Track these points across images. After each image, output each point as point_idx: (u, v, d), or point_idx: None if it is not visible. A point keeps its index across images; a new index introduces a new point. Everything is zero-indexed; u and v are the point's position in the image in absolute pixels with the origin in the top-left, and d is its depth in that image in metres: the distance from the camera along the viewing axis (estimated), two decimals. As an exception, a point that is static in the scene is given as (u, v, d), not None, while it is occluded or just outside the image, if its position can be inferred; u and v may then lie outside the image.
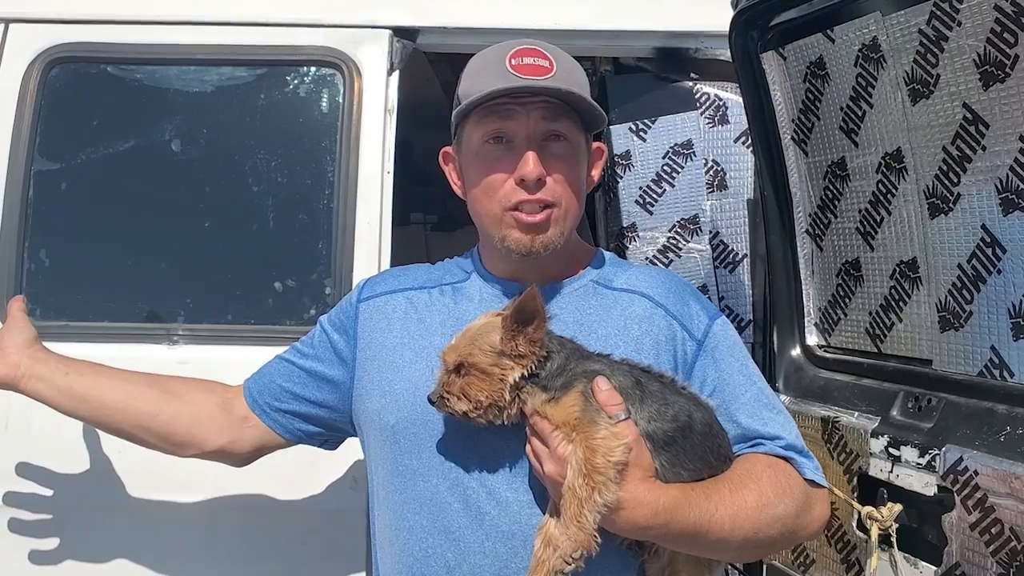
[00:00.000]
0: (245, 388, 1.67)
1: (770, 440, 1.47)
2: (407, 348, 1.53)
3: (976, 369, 1.77)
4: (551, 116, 1.47)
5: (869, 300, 2.09)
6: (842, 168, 2.10)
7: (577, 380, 1.35)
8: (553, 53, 1.49)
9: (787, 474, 1.44)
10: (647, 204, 2.73)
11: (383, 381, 1.52)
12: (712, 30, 2.43)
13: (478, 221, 1.56)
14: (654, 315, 1.53)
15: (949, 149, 1.77)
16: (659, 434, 1.36)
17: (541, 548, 1.31)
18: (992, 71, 1.64)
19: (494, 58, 1.48)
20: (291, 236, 2.38)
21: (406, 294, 1.60)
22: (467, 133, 1.53)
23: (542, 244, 1.48)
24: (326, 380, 1.62)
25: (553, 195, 1.48)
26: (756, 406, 1.50)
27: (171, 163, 2.37)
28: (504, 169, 1.47)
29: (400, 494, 1.47)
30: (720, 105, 2.69)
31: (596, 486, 1.26)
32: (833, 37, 2.00)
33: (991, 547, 1.60)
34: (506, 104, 1.46)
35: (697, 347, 1.52)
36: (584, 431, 1.30)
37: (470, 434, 1.43)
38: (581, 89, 1.48)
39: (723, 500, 1.36)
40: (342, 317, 1.64)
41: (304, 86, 2.41)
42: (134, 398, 1.65)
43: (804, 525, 1.45)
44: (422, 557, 1.43)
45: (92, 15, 2.34)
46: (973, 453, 1.66)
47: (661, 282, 1.59)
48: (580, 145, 1.54)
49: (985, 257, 1.74)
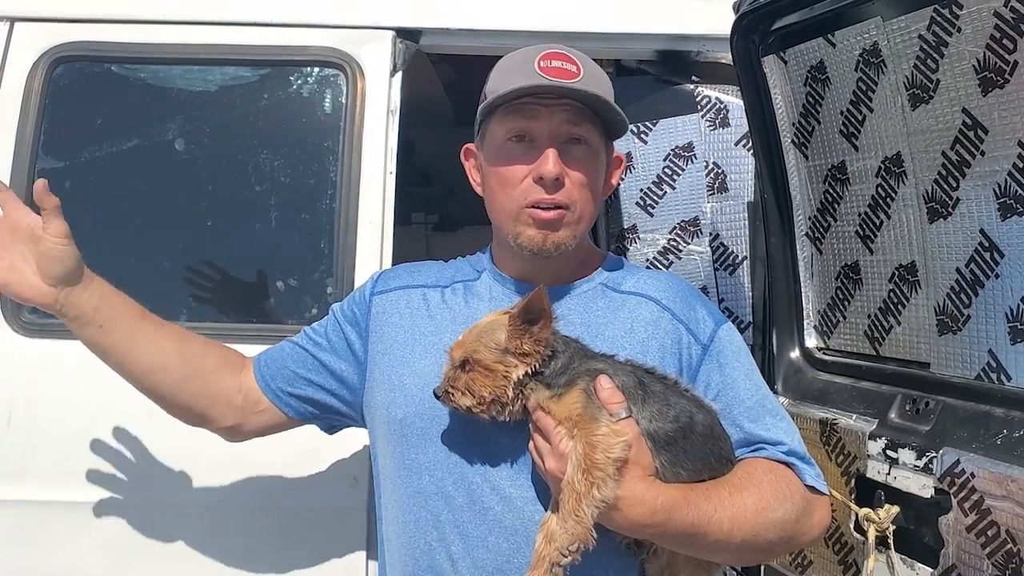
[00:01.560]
0: (257, 373, 1.67)
1: (772, 445, 1.48)
2: (418, 344, 1.55)
3: (974, 372, 1.78)
4: (574, 120, 1.49)
5: (868, 303, 2.10)
6: (842, 172, 2.11)
7: (580, 378, 1.37)
8: (581, 59, 1.51)
9: (788, 479, 1.46)
10: (648, 206, 2.74)
11: (393, 375, 1.54)
12: (714, 33, 2.44)
13: (494, 217, 1.58)
14: (661, 319, 1.54)
15: (948, 154, 1.78)
16: (660, 434, 1.37)
17: (543, 544, 1.32)
18: (991, 77, 1.65)
19: (523, 59, 1.50)
20: (293, 235, 2.39)
21: (420, 291, 1.62)
22: (491, 130, 1.55)
23: (553, 244, 1.50)
24: (338, 372, 1.63)
25: (569, 197, 1.50)
26: (759, 411, 1.51)
27: (175, 162, 2.37)
28: (524, 166, 1.49)
29: (406, 487, 1.49)
30: (721, 108, 2.69)
31: (595, 482, 1.28)
32: (834, 41, 2.01)
33: (987, 549, 1.60)
34: (531, 104, 1.48)
35: (702, 351, 1.54)
36: (585, 427, 1.32)
37: (476, 430, 1.44)
38: (606, 95, 1.50)
39: (722, 502, 1.37)
40: (355, 309, 1.65)
41: (307, 86, 2.42)
42: (164, 369, 1.61)
43: (804, 531, 1.46)
44: (427, 550, 1.45)
45: (97, 14, 2.34)
46: (970, 456, 1.67)
47: (669, 286, 1.61)
48: (600, 151, 1.56)
49: (983, 261, 1.75)
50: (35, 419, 2.15)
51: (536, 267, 1.55)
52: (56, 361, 2.16)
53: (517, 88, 1.45)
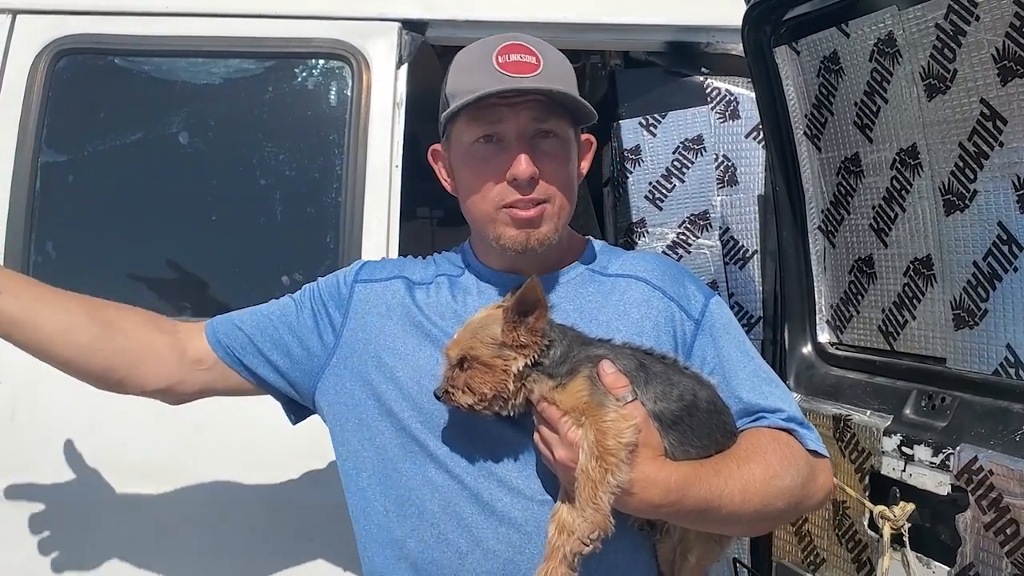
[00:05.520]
0: (209, 329, 1.62)
1: (771, 413, 1.48)
2: (409, 336, 1.53)
3: (991, 367, 1.76)
4: (541, 116, 1.47)
5: (882, 297, 2.08)
6: (856, 164, 2.08)
7: (582, 365, 1.36)
8: (539, 48, 1.48)
9: (791, 446, 1.46)
10: (657, 199, 2.71)
11: (382, 367, 1.51)
12: (724, 24, 2.42)
13: (471, 220, 1.56)
14: (652, 298, 1.54)
15: (966, 145, 1.75)
16: (666, 414, 1.37)
17: (555, 535, 1.31)
18: (1011, 66, 1.62)
19: (480, 54, 1.46)
20: (299, 229, 2.37)
21: (406, 285, 1.60)
22: (456, 133, 1.52)
23: (537, 241, 1.49)
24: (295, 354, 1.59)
25: (546, 193, 1.48)
26: (755, 381, 1.51)
27: (178, 155, 2.36)
28: (496, 169, 1.47)
29: (409, 480, 1.47)
30: (731, 100, 2.67)
31: (609, 467, 1.27)
32: (848, 31, 1.98)
33: (1006, 547, 1.58)
34: (495, 105, 1.45)
35: (695, 327, 1.54)
36: (593, 414, 1.31)
37: (477, 424, 1.43)
38: (568, 86, 1.47)
39: (732, 475, 1.37)
40: (339, 290, 1.61)
41: (312, 79, 2.40)
42: (74, 330, 1.54)
43: (810, 495, 1.46)
44: (434, 543, 1.43)
45: (99, 6, 2.33)
46: (988, 452, 1.65)
47: (656, 265, 1.61)
48: (570, 141, 1.53)
49: (1001, 254, 1.72)
50: (39, 416, 2.13)
51: (520, 260, 1.53)
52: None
53: (478, 95, 1.42)
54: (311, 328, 1.59)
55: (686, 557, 1.47)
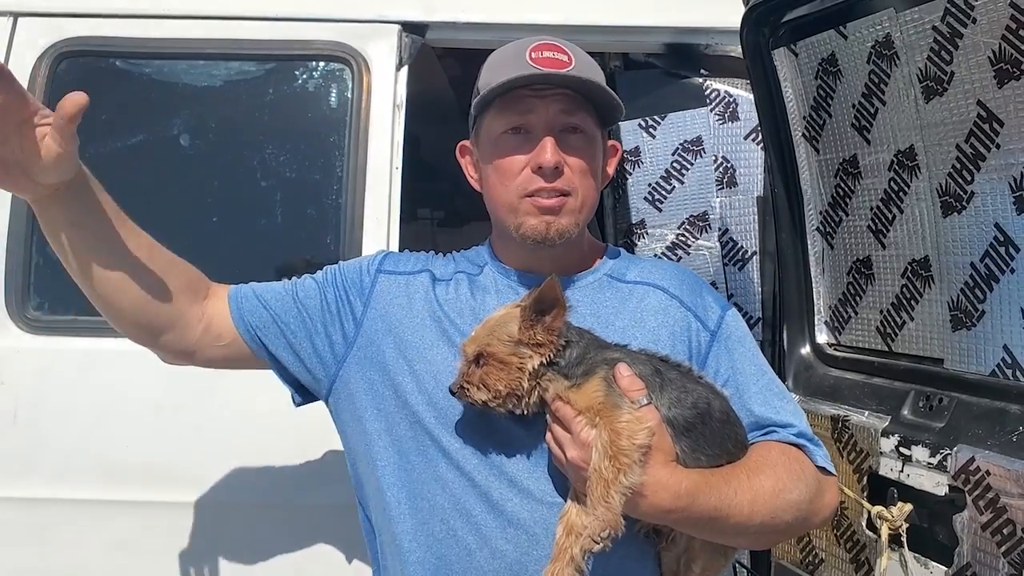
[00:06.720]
0: (234, 307, 1.56)
1: (783, 428, 1.49)
2: (429, 332, 1.53)
3: (988, 368, 1.76)
4: (569, 109, 1.49)
5: (880, 298, 2.08)
6: (854, 165, 2.09)
7: (598, 367, 1.36)
8: (572, 49, 1.51)
9: (800, 461, 1.46)
10: (656, 201, 2.72)
11: (401, 359, 1.51)
12: (723, 26, 2.42)
13: (493, 211, 1.57)
14: (669, 307, 1.55)
15: (963, 147, 1.76)
16: (679, 420, 1.37)
17: (563, 536, 1.31)
18: (1007, 68, 1.62)
19: (514, 52, 1.49)
20: (299, 231, 2.38)
21: (429, 280, 1.59)
22: (486, 125, 1.54)
23: (557, 232, 1.49)
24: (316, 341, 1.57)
25: (570, 184, 1.49)
26: (768, 395, 1.52)
27: (180, 157, 2.36)
28: (521, 159, 1.49)
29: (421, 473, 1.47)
30: (730, 102, 2.68)
31: (622, 468, 1.27)
32: (846, 34, 1.99)
33: (1003, 548, 1.59)
34: (525, 96, 1.47)
35: (711, 338, 1.54)
36: (608, 415, 1.31)
37: (490, 423, 1.43)
38: (599, 81, 1.50)
39: (741, 485, 1.37)
40: (355, 280, 1.59)
41: (313, 81, 2.41)
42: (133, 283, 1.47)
43: (817, 511, 1.47)
44: (443, 538, 1.43)
45: (101, 9, 2.33)
46: (985, 453, 1.65)
47: (674, 274, 1.62)
48: (597, 139, 1.55)
49: (998, 256, 1.73)
50: (40, 416, 2.14)
51: (539, 258, 1.54)
52: (61, 358, 2.15)
53: (510, 79, 1.44)
54: (334, 315, 1.58)
55: (690, 567, 1.47)
